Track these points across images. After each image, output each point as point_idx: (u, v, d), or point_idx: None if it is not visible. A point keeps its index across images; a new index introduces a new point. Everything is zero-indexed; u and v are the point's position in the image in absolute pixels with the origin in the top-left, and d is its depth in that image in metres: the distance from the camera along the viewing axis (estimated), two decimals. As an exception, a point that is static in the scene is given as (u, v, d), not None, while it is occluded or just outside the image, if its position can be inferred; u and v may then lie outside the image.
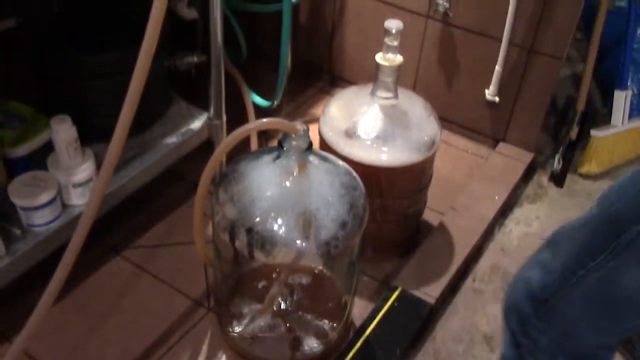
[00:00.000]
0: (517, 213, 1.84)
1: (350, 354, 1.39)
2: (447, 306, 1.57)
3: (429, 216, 1.75)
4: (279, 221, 1.16)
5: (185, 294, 1.51)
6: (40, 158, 1.35)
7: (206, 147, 1.63)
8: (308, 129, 1.17)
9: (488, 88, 1.86)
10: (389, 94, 1.46)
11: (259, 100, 1.72)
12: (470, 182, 1.86)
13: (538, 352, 1.09)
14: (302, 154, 1.18)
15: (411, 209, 1.57)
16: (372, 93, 1.46)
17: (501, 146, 1.96)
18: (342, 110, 1.50)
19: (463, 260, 1.62)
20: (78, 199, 1.35)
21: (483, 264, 1.68)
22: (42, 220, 1.29)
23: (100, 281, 1.52)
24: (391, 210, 1.54)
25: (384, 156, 1.43)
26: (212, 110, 1.59)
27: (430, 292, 1.52)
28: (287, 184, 1.18)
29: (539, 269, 1.05)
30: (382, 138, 1.44)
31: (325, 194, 1.20)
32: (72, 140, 1.29)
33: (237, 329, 1.38)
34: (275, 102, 1.67)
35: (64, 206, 1.34)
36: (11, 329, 1.36)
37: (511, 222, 1.81)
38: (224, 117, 1.61)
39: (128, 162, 1.46)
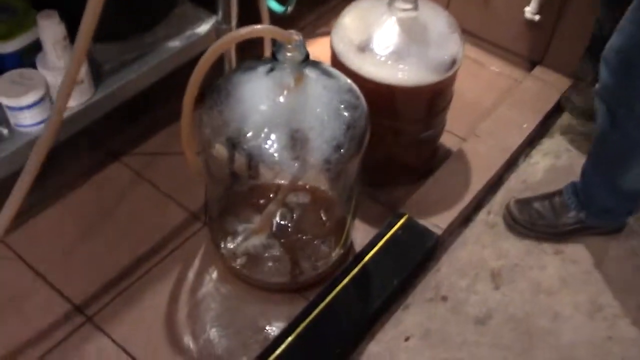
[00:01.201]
0: (547, 144, 1.70)
1: (346, 280, 1.34)
2: (456, 238, 1.48)
3: (449, 141, 1.64)
4: (269, 138, 1.08)
5: (182, 205, 1.46)
6: (34, 56, 1.28)
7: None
8: (304, 40, 1.06)
9: (528, 5, 1.68)
10: (408, 5, 1.32)
11: (273, 4, 1.60)
12: (498, 106, 1.72)
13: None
14: (298, 66, 1.07)
15: (425, 133, 1.46)
16: (390, 3, 1.33)
17: (537, 70, 1.80)
18: (357, 21, 1.38)
19: (479, 191, 1.52)
20: (70, 101, 1.28)
21: (501, 196, 1.57)
22: (29, 121, 1.24)
23: (98, 186, 1.48)
24: (403, 134, 1.43)
25: (398, 74, 1.32)
26: (220, 13, 1.47)
27: (438, 222, 1.44)
28: (280, 98, 1.09)
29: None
30: (397, 54, 1.32)
31: (321, 112, 1.10)
32: (60, 38, 1.21)
33: (230, 246, 1.33)
34: (289, 8, 1.55)
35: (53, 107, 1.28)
36: None
37: (538, 153, 1.68)
38: (234, 22, 1.50)
39: (126, 63, 1.38)
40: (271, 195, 1.30)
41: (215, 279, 1.34)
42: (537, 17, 1.69)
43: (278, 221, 1.33)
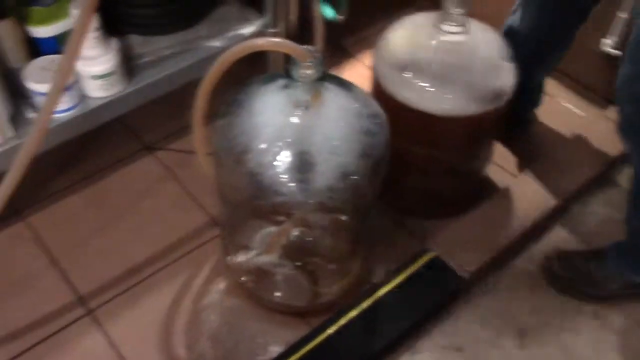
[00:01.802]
0: (610, 194, 1.54)
1: (354, 312, 1.26)
2: (485, 284, 1.37)
3: (497, 176, 1.52)
4: (275, 157, 1.02)
5: (204, 209, 1.43)
6: (73, 42, 1.28)
7: (260, 55, 1.48)
8: (322, 57, 0.99)
9: (605, 37, 1.52)
10: (457, 29, 1.21)
11: (327, 11, 1.53)
12: (560, 145, 1.57)
13: None
14: (312, 85, 1.00)
15: (464, 166, 1.35)
16: (437, 24, 1.23)
17: (611, 110, 1.63)
18: (402, 40, 1.29)
19: (519, 235, 1.39)
20: (98, 92, 1.28)
21: (545, 245, 1.44)
22: (57, 107, 1.24)
23: (127, 178, 1.48)
24: (440, 163, 1.33)
25: (437, 102, 1.22)
26: (268, 16, 1.43)
27: (466, 264, 1.33)
28: (292, 117, 1.03)
29: None
30: (439, 80, 1.22)
31: (333, 136, 1.02)
32: (91, 28, 1.20)
33: (239, 259, 1.29)
34: (339, 16, 1.47)
35: (83, 97, 1.28)
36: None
37: (597, 202, 1.52)
38: (282, 26, 1.45)
39: (163, 59, 1.36)
40: (285, 214, 1.24)
41: (221, 291, 1.30)
42: (614, 52, 1.53)
43: (292, 241, 1.27)
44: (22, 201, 1.40)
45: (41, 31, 1.26)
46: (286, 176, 1.02)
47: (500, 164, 1.54)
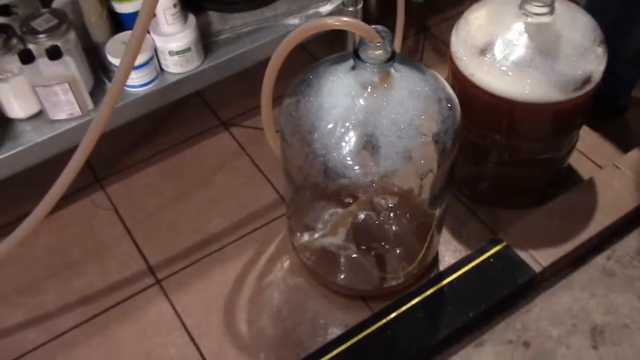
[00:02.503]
0: None
1: (417, 299, 1.23)
2: (560, 280, 1.30)
3: (582, 166, 1.44)
4: (341, 139, 1.00)
5: (275, 186, 1.44)
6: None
7: (340, 34, 1.46)
8: (392, 37, 0.96)
9: None
10: (542, 9, 1.14)
11: (410, -10, 1.49)
12: (655, 136, 1.47)
13: None
14: (381, 66, 0.98)
15: (544, 155, 1.28)
16: (522, 5, 1.16)
17: None
18: (483, 20, 1.23)
19: (601, 231, 1.31)
20: (175, 67, 1.30)
21: (629, 243, 1.35)
22: (136, 82, 1.28)
23: (202, 152, 1.50)
24: (517, 152, 1.27)
25: (517, 87, 1.15)
26: (346, -6, 1.41)
27: (540, 258, 1.27)
28: (359, 99, 1.00)
29: None
30: (520, 64, 1.15)
31: (399, 119, 0.99)
32: (169, 5, 1.22)
33: (304, 238, 1.28)
34: (422, -4, 1.43)
35: (160, 71, 1.31)
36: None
37: (692, 200, 1.41)
38: (360, 5, 1.42)
39: (240, 36, 1.37)
40: (351, 196, 1.23)
41: (286, 269, 1.30)
42: None
43: (358, 223, 1.26)
44: (102, 171, 1.46)
45: (124, 7, 1.29)
46: (351, 158, 1.01)
47: (587, 154, 1.45)
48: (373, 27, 0.95)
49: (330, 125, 1.01)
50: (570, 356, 1.21)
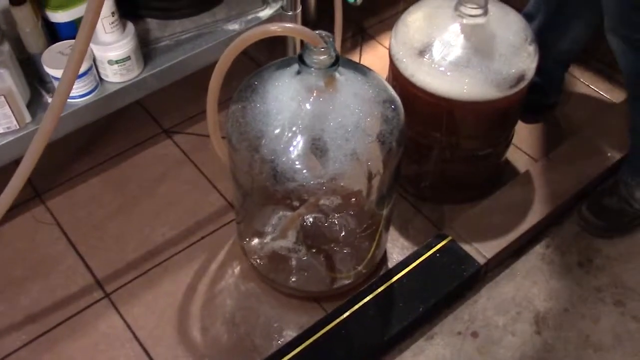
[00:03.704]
0: (633, 178, 1.51)
1: (369, 297, 1.26)
2: (502, 270, 1.35)
3: (518, 159, 1.50)
4: (289, 144, 1.01)
5: (221, 193, 1.43)
6: (90, 26, 1.28)
7: (280, 38, 1.47)
8: (334, 41, 0.98)
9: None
10: (476, 11, 1.19)
11: (346, -6, 1.51)
12: (582, 128, 1.54)
13: None
14: (326, 71, 0.99)
15: (483, 151, 1.33)
16: (456, 7, 1.20)
17: (638, 92, 1.59)
18: (419, 23, 1.26)
19: (539, 221, 1.37)
20: (114, 77, 1.28)
21: (565, 231, 1.42)
22: (75, 93, 1.24)
23: (145, 162, 1.48)
24: (458, 149, 1.31)
25: (455, 86, 1.20)
26: (285, -2, 1.42)
27: (484, 250, 1.31)
28: (305, 103, 1.02)
29: None
30: (457, 64, 1.20)
31: (346, 122, 1.01)
32: (107, 13, 1.20)
33: (254, 242, 1.29)
34: (358, 0, 1.45)
35: (100, 81, 1.28)
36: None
37: (620, 188, 1.49)
38: (299, 9, 1.44)
39: (180, 43, 1.36)
40: (299, 199, 1.24)
41: (237, 275, 1.30)
42: None
43: (307, 226, 1.27)
44: (42, 184, 1.42)
45: (59, 16, 1.26)
46: (299, 162, 1.02)
47: (522, 148, 1.52)
48: (317, 32, 0.97)
49: (277, 130, 1.02)
50: (516, 343, 1.26)
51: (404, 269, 1.29)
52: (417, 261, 1.30)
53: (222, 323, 1.23)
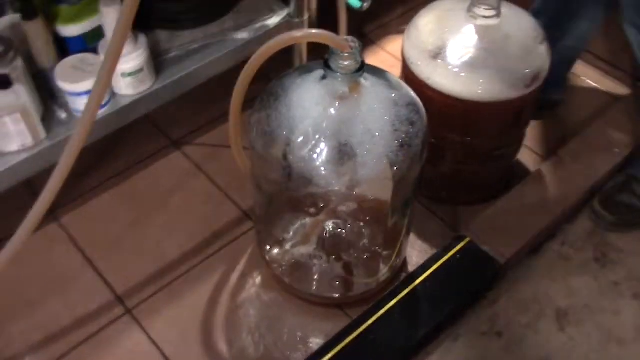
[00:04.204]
0: (641, 172, 1.53)
1: (393, 301, 1.25)
2: (521, 269, 1.36)
3: (527, 159, 1.51)
4: (315, 150, 1.01)
5: (236, 202, 1.42)
6: (98, 41, 1.27)
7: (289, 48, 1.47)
8: (361, 47, 0.98)
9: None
10: (490, 12, 1.20)
11: (353, 0, 1.51)
12: (588, 126, 1.56)
13: None
14: (351, 76, 0.99)
15: (498, 151, 1.34)
16: (469, 9, 1.21)
17: (641, 88, 1.62)
18: (433, 24, 1.27)
19: (554, 219, 1.38)
20: (127, 89, 1.27)
21: (579, 227, 1.43)
22: (88, 107, 1.23)
23: (156, 175, 1.47)
24: (473, 149, 1.32)
25: (470, 87, 1.20)
26: (292, 6, 1.41)
27: (502, 250, 1.32)
28: (331, 109, 1.02)
29: None
30: (472, 65, 1.20)
31: (373, 126, 1.02)
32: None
33: (276, 252, 1.28)
34: (365, 4, 1.46)
35: (113, 95, 1.27)
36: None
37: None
38: (306, 16, 1.44)
39: (190, 54, 1.35)
40: (322, 205, 1.24)
41: (258, 285, 1.29)
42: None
43: (328, 232, 1.27)
44: (55, 201, 1.39)
45: (69, 30, 1.24)
46: (327, 168, 1.02)
47: (530, 147, 1.53)
48: (343, 38, 0.97)
49: (304, 137, 1.02)
50: (541, 340, 1.27)
51: (425, 272, 1.29)
52: (438, 263, 1.30)
53: (248, 334, 1.22)
